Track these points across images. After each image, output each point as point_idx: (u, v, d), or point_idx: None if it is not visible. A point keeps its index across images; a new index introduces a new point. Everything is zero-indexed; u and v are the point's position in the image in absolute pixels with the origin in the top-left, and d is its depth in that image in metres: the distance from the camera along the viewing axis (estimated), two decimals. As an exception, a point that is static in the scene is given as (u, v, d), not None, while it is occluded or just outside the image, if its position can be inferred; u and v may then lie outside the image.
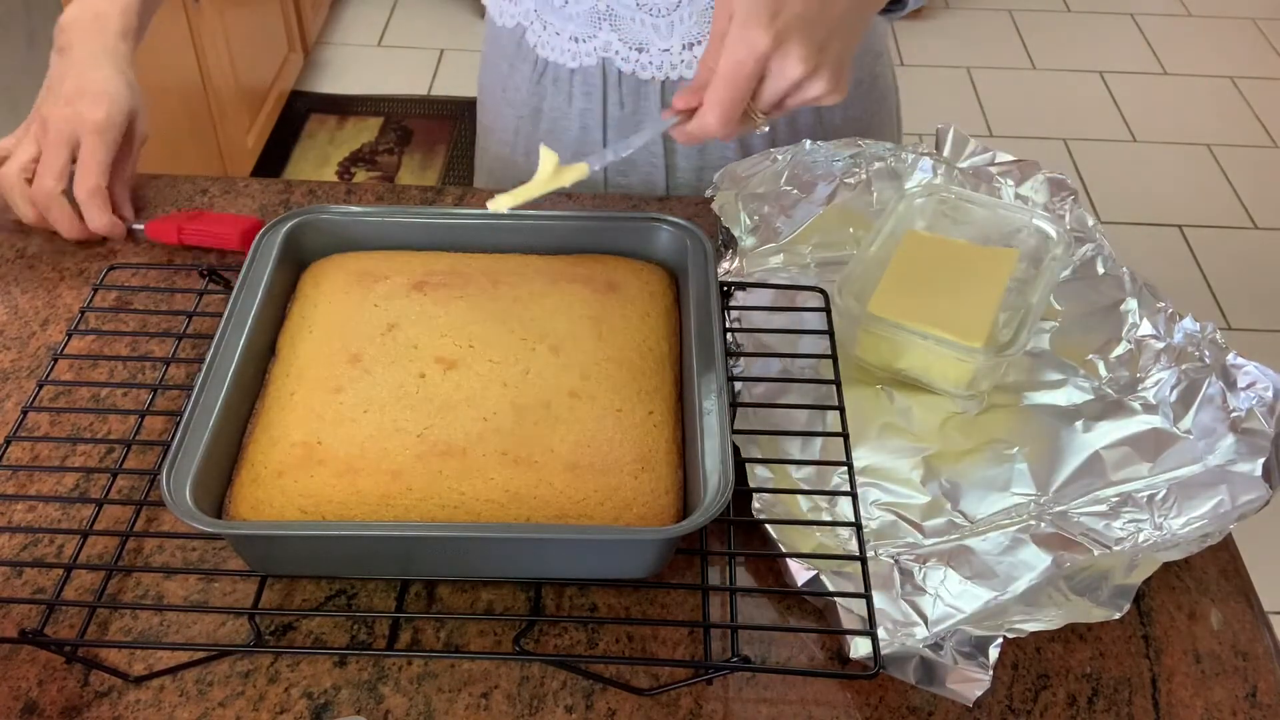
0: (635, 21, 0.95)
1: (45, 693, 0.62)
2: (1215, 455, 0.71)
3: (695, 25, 0.95)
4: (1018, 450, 0.73)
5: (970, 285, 0.78)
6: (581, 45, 0.98)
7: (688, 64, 0.97)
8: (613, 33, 0.97)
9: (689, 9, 0.93)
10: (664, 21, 0.95)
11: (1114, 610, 0.64)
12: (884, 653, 0.61)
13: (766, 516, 0.67)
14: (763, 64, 0.65)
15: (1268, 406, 0.73)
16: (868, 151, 0.91)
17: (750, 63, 0.64)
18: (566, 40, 0.99)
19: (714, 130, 0.66)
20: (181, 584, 0.67)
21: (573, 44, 0.99)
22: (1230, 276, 2.49)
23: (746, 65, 0.64)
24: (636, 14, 0.95)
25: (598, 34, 0.97)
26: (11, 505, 0.71)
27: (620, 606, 0.66)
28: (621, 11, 0.95)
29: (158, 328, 0.81)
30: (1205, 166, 2.79)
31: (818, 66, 0.65)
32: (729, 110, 0.66)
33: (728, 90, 0.65)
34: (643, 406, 0.67)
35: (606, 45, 0.98)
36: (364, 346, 0.69)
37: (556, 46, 1.00)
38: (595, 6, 0.95)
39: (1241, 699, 0.63)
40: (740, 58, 0.64)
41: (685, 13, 0.94)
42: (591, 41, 0.98)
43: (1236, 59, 3.19)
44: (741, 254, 0.84)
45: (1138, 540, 0.67)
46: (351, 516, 0.62)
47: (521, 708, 0.61)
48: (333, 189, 0.97)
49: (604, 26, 0.97)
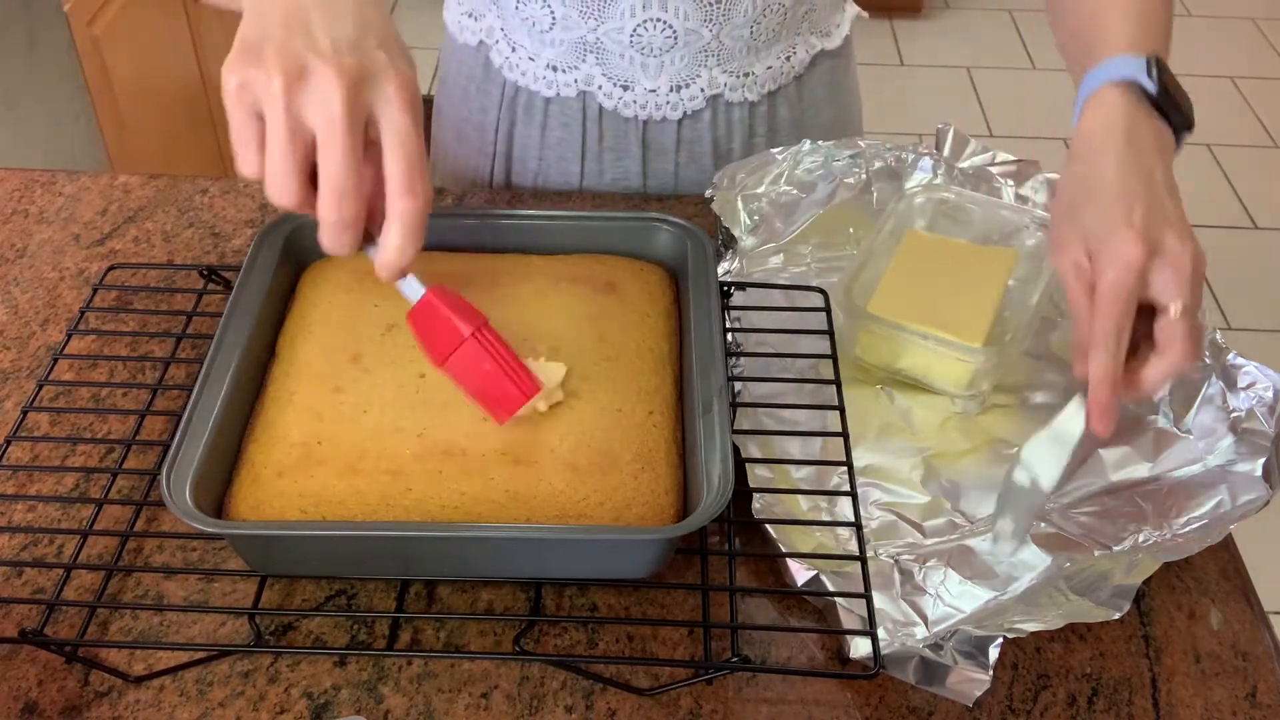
0: (624, 59, 0.91)
1: (45, 693, 0.62)
2: (1215, 455, 0.71)
3: (686, 68, 0.92)
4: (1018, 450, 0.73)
5: (970, 285, 0.78)
6: (560, 75, 0.94)
7: (673, 105, 0.94)
8: (597, 66, 0.92)
9: (683, 51, 0.91)
10: (654, 61, 0.91)
11: (1114, 610, 0.64)
12: (884, 653, 0.61)
13: (766, 516, 0.67)
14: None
15: (1268, 406, 0.73)
16: (867, 151, 0.91)
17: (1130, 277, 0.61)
18: (542, 67, 0.94)
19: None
20: (181, 584, 0.67)
21: (549, 72, 0.94)
22: (1230, 276, 2.49)
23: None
24: (627, 50, 0.90)
25: (580, 65, 0.93)
26: (11, 505, 0.71)
27: (620, 606, 0.66)
28: (610, 46, 0.91)
29: (158, 328, 0.81)
30: (1205, 166, 2.78)
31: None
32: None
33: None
34: (643, 406, 0.67)
35: (588, 79, 0.93)
36: (364, 346, 0.69)
37: (529, 72, 0.95)
38: (584, 38, 0.91)
39: (1241, 699, 0.63)
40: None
41: (678, 54, 0.91)
42: (572, 72, 0.93)
43: (1236, 59, 3.19)
44: (741, 254, 0.84)
45: (1138, 540, 0.67)
46: (351, 517, 0.62)
47: (521, 708, 0.61)
48: (333, 189, 0.97)
49: (588, 58, 0.92)
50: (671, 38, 0.89)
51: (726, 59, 0.92)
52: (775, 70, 0.95)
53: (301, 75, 0.54)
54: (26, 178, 0.96)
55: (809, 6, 0.94)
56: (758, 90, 0.95)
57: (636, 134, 0.96)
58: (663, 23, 0.89)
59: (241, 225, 0.92)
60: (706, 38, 0.90)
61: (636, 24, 0.89)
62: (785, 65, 0.95)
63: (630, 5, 0.88)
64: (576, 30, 0.91)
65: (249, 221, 0.92)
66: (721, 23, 0.89)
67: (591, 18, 0.89)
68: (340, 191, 0.55)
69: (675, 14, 0.88)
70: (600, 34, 0.90)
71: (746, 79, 0.94)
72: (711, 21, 0.89)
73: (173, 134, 2.09)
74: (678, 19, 0.88)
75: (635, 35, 0.89)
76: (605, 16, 0.89)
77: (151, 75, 2.00)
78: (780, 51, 0.94)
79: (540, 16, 0.91)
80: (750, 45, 0.92)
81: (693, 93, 0.93)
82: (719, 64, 0.92)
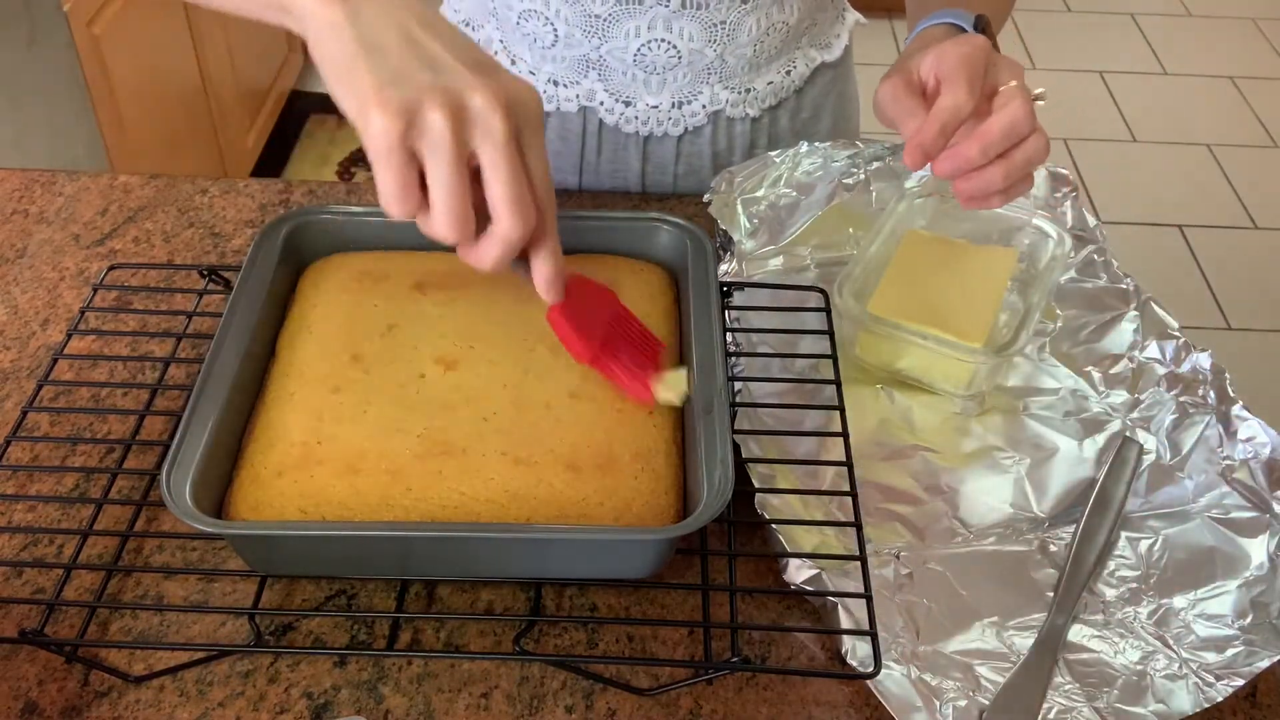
0: (627, 75, 0.91)
1: (45, 693, 0.62)
2: (1204, 500, 0.71)
3: (688, 85, 0.92)
4: (1015, 461, 0.73)
5: (970, 285, 0.78)
6: (561, 90, 0.94)
7: (675, 121, 0.94)
8: (599, 82, 0.93)
9: (686, 70, 0.91)
10: (657, 79, 0.91)
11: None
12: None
13: (766, 516, 0.67)
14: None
15: (1263, 463, 0.71)
16: (866, 152, 0.91)
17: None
18: (543, 81, 0.94)
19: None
20: (181, 584, 0.67)
21: (551, 87, 0.94)
22: (1230, 276, 2.49)
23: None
24: (630, 68, 0.91)
25: (581, 81, 0.93)
26: (11, 505, 0.71)
27: (620, 606, 0.66)
28: (613, 64, 0.91)
29: (158, 328, 0.81)
30: (1205, 166, 2.78)
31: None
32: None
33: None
34: (643, 406, 0.67)
35: (590, 94, 0.93)
36: (364, 346, 0.69)
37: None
38: (586, 55, 0.91)
39: (1241, 699, 0.63)
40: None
41: (681, 72, 0.91)
42: (574, 88, 0.93)
43: (1236, 59, 3.19)
44: (741, 257, 0.84)
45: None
46: (351, 516, 0.62)
47: (521, 708, 0.61)
48: (333, 189, 0.97)
49: (590, 74, 0.92)
50: (675, 57, 0.90)
51: (728, 76, 0.92)
52: (776, 85, 0.95)
53: (461, 107, 0.53)
54: (26, 178, 0.96)
55: (810, 22, 0.94)
56: (759, 105, 0.95)
57: (636, 148, 0.96)
58: (667, 43, 0.89)
59: (241, 225, 0.92)
60: (710, 57, 0.90)
61: (640, 44, 0.89)
62: (786, 80, 0.95)
63: (635, 26, 0.88)
64: (579, 48, 0.91)
65: (249, 221, 0.92)
66: (725, 43, 0.89)
67: (595, 36, 0.89)
68: (520, 204, 0.55)
69: (680, 35, 0.88)
70: (603, 52, 0.90)
71: (748, 94, 0.94)
72: (715, 42, 0.89)
73: (173, 134, 2.09)
74: (682, 40, 0.88)
75: (639, 55, 0.89)
76: (609, 36, 0.89)
77: (151, 75, 2.00)
78: (781, 66, 0.95)
79: (543, 33, 0.91)
80: (752, 63, 0.92)
81: (694, 109, 0.94)
82: (721, 81, 0.93)
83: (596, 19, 0.88)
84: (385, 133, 0.52)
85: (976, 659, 0.62)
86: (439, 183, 0.54)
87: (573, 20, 0.88)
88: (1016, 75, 0.70)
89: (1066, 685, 0.61)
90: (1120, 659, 0.63)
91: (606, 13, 0.87)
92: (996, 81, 0.70)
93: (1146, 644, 0.63)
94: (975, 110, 0.68)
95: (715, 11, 0.87)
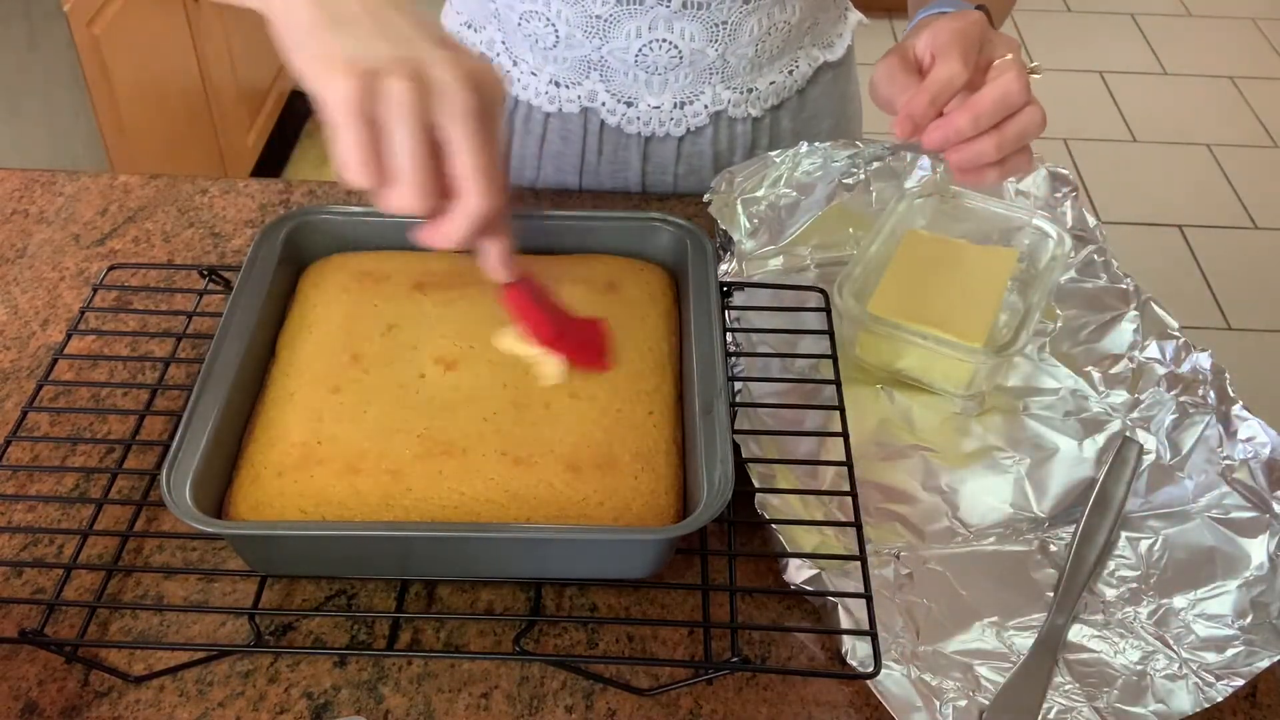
0: (628, 76, 0.91)
1: (45, 693, 0.62)
2: (1204, 500, 0.71)
3: (691, 84, 0.92)
4: (1015, 461, 0.73)
5: (970, 285, 0.78)
6: (563, 91, 0.94)
7: (676, 121, 0.94)
8: (600, 83, 0.93)
9: (687, 70, 0.91)
10: (659, 79, 0.91)
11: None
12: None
13: (766, 516, 0.67)
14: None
15: (1263, 463, 0.71)
16: (866, 152, 0.91)
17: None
18: (544, 82, 0.94)
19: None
20: (181, 584, 0.67)
21: (552, 87, 0.94)
22: (1230, 276, 2.49)
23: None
24: (632, 69, 0.91)
25: (583, 81, 0.93)
26: (11, 505, 0.71)
27: (620, 606, 0.66)
28: (615, 64, 0.91)
29: (158, 328, 0.81)
30: (1205, 166, 2.78)
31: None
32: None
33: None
34: (643, 406, 0.67)
35: (592, 95, 0.93)
36: (364, 346, 0.69)
37: (530, 86, 0.95)
38: (588, 56, 0.91)
39: (1241, 699, 0.63)
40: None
41: (683, 73, 0.91)
42: (575, 89, 0.93)
43: (1236, 59, 3.19)
44: (740, 257, 0.84)
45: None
46: (351, 516, 0.62)
47: (521, 708, 0.61)
48: (333, 189, 0.97)
49: (592, 75, 0.92)
50: (677, 57, 0.89)
51: (730, 76, 0.92)
52: (778, 85, 0.95)
53: (425, 78, 0.53)
54: (26, 178, 0.96)
55: (812, 21, 0.94)
56: (760, 105, 0.95)
57: (638, 148, 0.96)
58: (668, 43, 0.88)
59: (241, 225, 0.92)
60: (711, 57, 0.90)
61: (642, 44, 0.89)
62: (788, 80, 0.95)
63: (636, 26, 0.88)
64: (581, 49, 0.91)
65: (249, 221, 0.92)
66: (727, 43, 0.89)
67: (596, 37, 0.89)
68: (489, 178, 0.54)
69: (681, 35, 0.88)
70: (605, 53, 0.90)
71: (750, 95, 0.94)
72: (717, 42, 0.89)
73: (173, 134, 2.09)
74: (683, 40, 0.88)
75: (640, 55, 0.89)
76: (610, 36, 0.89)
77: (151, 75, 2.00)
78: (783, 66, 0.95)
79: (544, 34, 0.91)
80: (754, 63, 0.92)
81: (696, 109, 0.93)
82: (723, 81, 0.93)
83: (597, 20, 0.88)
84: (347, 97, 0.51)
85: (976, 659, 0.62)
86: (403, 150, 0.53)
87: (574, 21, 0.88)
88: (1012, 50, 0.70)
89: (1066, 685, 0.61)
90: (1120, 659, 0.63)
91: (607, 13, 0.87)
92: (992, 55, 0.70)
93: (1146, 644, 0.63)
94: (969, 83, 0.68)
95: (717, 11, 0.87)
